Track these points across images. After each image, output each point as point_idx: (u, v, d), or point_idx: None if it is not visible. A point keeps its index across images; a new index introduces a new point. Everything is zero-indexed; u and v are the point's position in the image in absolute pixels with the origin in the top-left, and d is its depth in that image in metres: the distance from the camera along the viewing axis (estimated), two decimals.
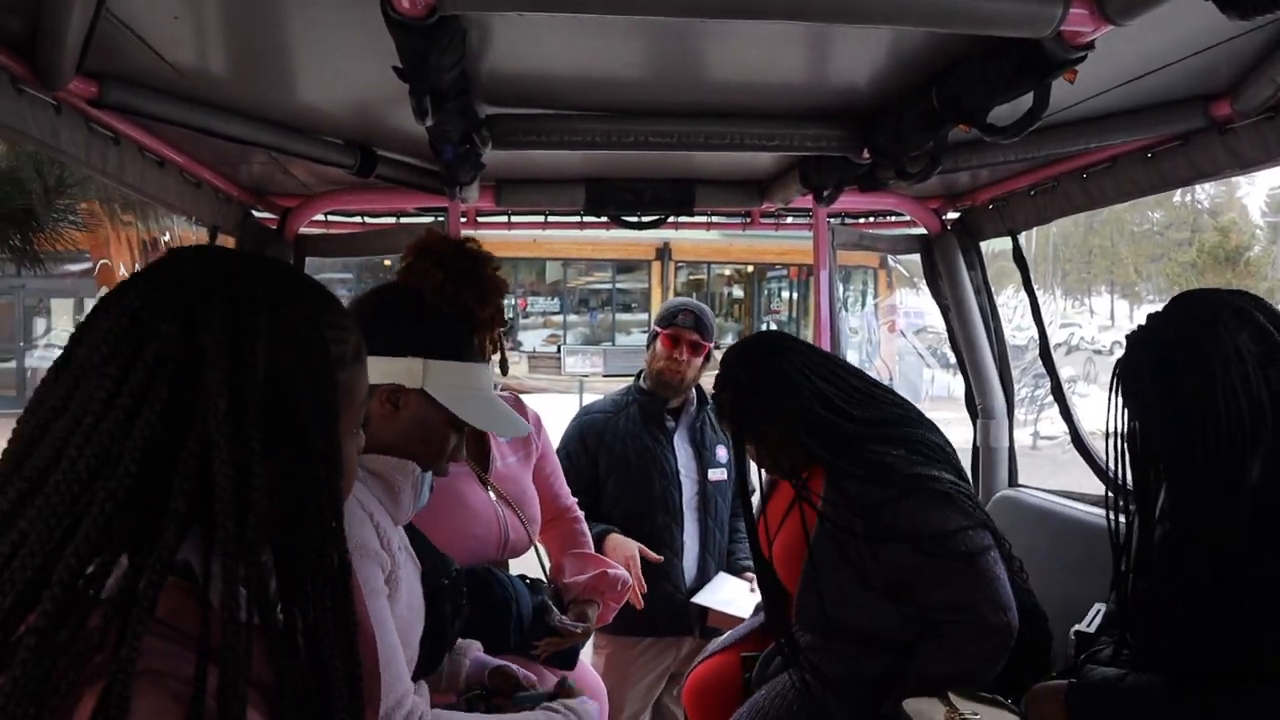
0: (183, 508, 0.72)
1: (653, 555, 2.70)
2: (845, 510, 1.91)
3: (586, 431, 2.88)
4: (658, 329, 2.87)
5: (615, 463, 2.83)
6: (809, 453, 1.96)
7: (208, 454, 0.73)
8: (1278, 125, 1.72)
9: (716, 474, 2.89)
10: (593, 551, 2.35)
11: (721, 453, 2.92)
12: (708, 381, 2.59)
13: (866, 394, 2.05)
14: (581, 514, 2.41)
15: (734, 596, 2.78)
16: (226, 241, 2.65)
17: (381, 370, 1.43)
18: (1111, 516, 1.59)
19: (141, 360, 0.74)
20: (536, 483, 2.24)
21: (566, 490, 2.40)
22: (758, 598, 2.74)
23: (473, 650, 1.76)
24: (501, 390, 2.14)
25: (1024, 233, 2.80)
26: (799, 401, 1.96)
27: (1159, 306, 1.58)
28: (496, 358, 2.09)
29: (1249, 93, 1.68)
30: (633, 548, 2.68)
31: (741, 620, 2.67)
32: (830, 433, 1.95)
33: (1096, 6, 1.28)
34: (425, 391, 1.49)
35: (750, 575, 2.87)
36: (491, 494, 2.05)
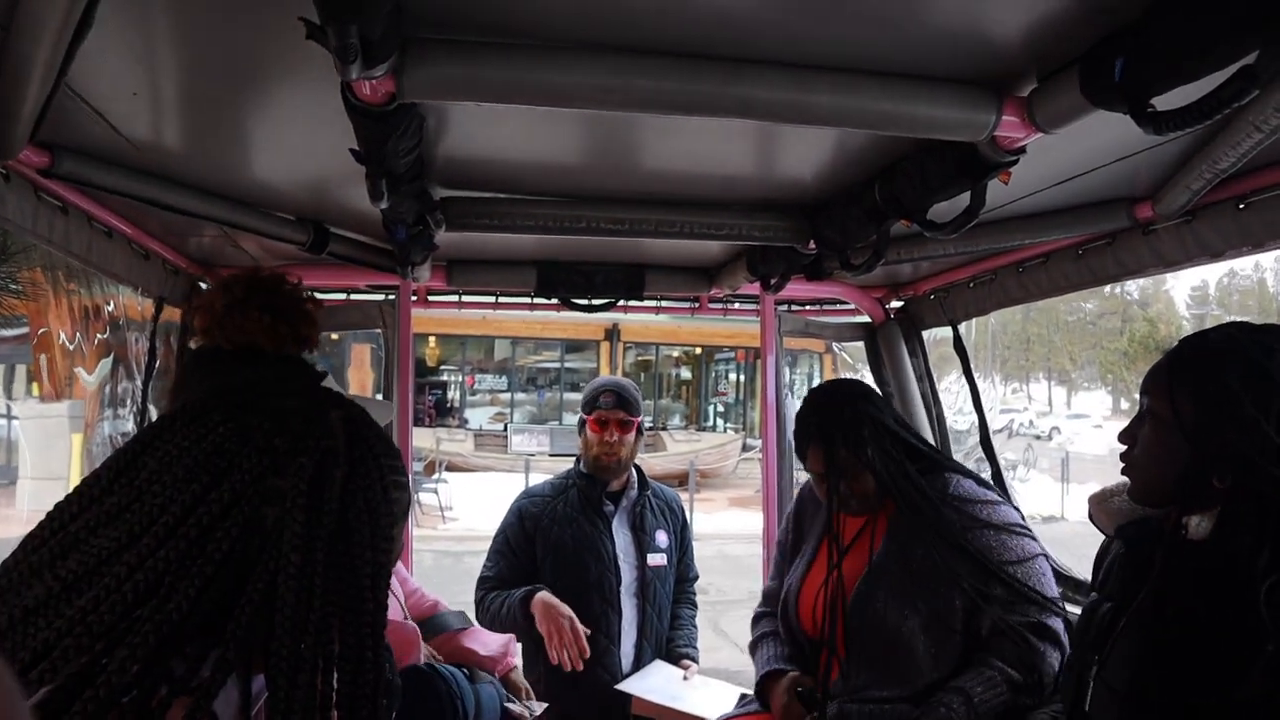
0: (235, 656, 0.72)
1: (581, 627, 2.64)
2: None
3: (525, 515, 2.87)
4: (583, 416, 2.89)
5: (551, 547, 2.80)
6: (891, 475, 2.09)
7: (271, 603, 0.73)
8: (1195, 229, 1.81)
9: (656, 559, 2.87)
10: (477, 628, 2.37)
11: (662, 537, 2.90)
12: (652, 463, 2.61)
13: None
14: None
15: (664, 684, 2.72)
16: (173, 314, 2.62)
17: None
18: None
19: (217, 494, 0.74)
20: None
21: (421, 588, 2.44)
22: (690, 687, 2.70)
23: None
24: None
25: (964, 321, 2.89)
26: (885, 420, 2.16)
27: (1095, 393, 1.60)
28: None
29: (1168, 198, 1.78)
30: (565, 608, 2.64)
31: (671, 710, 2.61)
32: (914, 454, 2.16)
33: (1027, 115, 1.35)
34: None
35: (687, 663, 2.83)
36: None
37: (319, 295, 2.90)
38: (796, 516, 2.45)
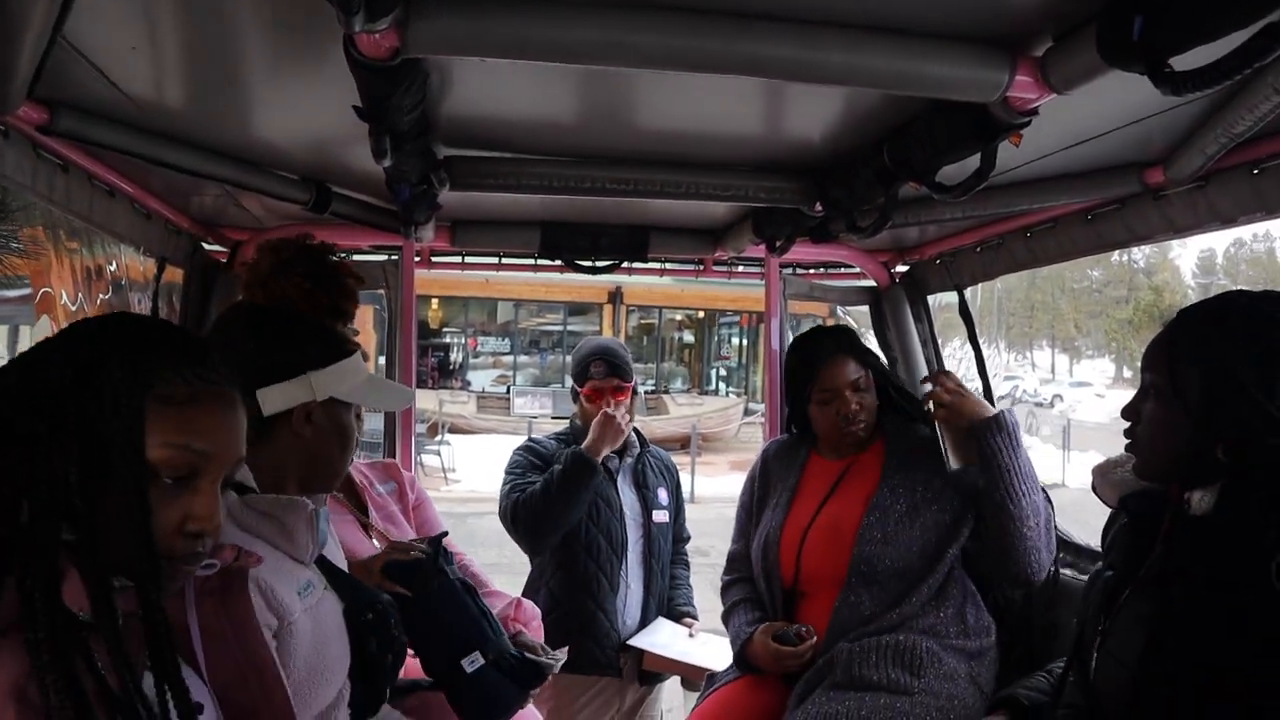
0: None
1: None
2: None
3: (535, 453, 2.84)
4: (576, 387, 2.87)
5: None
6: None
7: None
8: (1208, 194, 1.79)
9: (660, 515, 2.88)
10: (493, 588, 2.34)
11: (663, 494, 2.91)
12: (654, 426, 2.62)
13: None
14: (472, 559, 2.40)
15: (671, 641, 2.76)
16: (174, 273, 2.61)
17: (283, 396, 1.44)
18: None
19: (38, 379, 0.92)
20: (421, 529, 2.29)
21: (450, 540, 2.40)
22: (696, 643, 2.73)
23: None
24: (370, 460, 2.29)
25: (970, 287, 2.87)
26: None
27: (1098, 361, 1.58)
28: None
29: (1180, 162, 1.76)
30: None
31: (683, 664, 2.64)
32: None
33: (1040, 76, 1.33)
34: (332, 399, 1.50)
35: (690, 621, 2.86)
36: (375, 541, 2.06)
37: None
38: (762, 475, 2.48)
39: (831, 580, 2.15)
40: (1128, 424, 1.43)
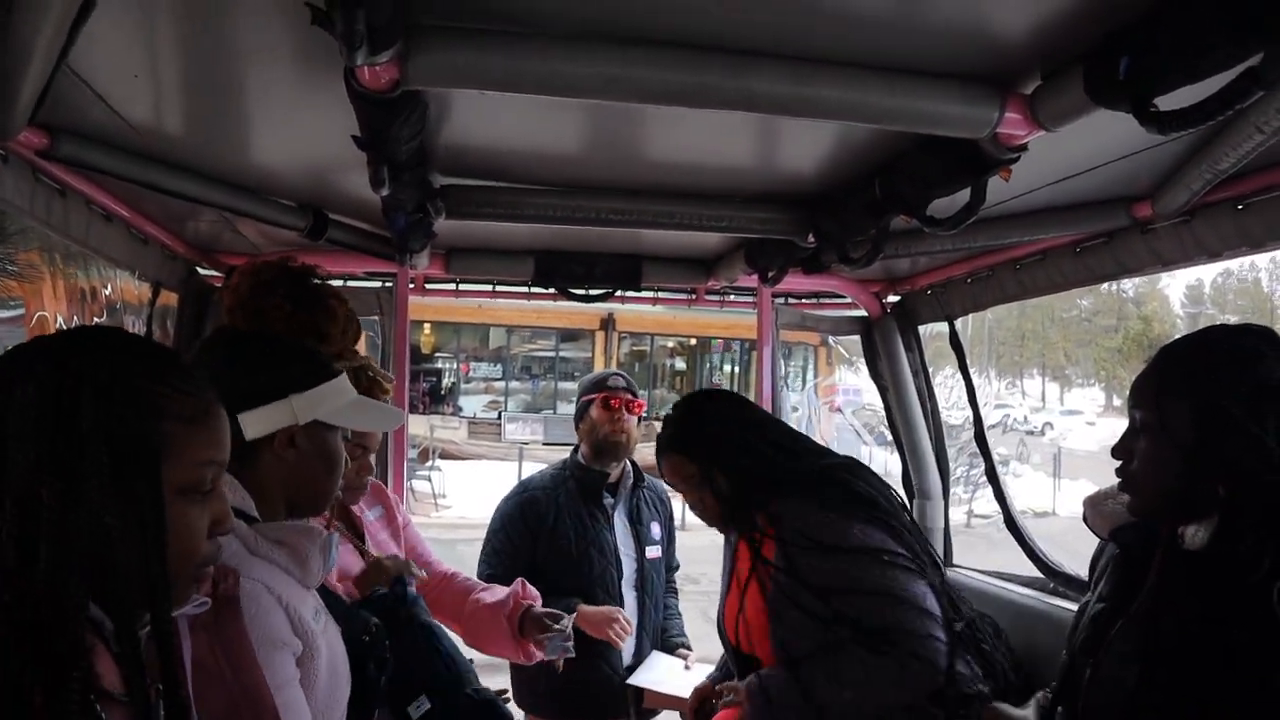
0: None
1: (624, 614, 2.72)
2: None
3: (527, 510, 2.82)
4: (591, 396, 2.87)
5: (555, 541, 2.78)
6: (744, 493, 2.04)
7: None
8: (1194, 228, 1.82)
9: (653, 551, 2.88)
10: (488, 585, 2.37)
11: (655, 529, 2.91)
12: (645, 452, 2.62)
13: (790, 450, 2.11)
14: (468, 576, 2.42)
15: (668, 675, 2.74)
16: (170, 298, 2.61)
17: (265, 420, 1.41)
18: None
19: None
20: (409, 554, 2.28)
21: (437, 556, 2.41)
22: (694, 675, 2.72)
23: None
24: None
25: (961, 317, 2.89)
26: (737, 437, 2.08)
27: (1088, 390, 1.59)
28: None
29: (1167, 197, 1.78)
30: (608, 610, 2.69)
31: (681, 699, 2.63)
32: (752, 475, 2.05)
33: (1029, 112, 1.36)
34: (317, 421, 1.46)
35: (685, 652, 2.85)
36: None
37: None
38: None
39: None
40: (1119, 463, 1.43)
